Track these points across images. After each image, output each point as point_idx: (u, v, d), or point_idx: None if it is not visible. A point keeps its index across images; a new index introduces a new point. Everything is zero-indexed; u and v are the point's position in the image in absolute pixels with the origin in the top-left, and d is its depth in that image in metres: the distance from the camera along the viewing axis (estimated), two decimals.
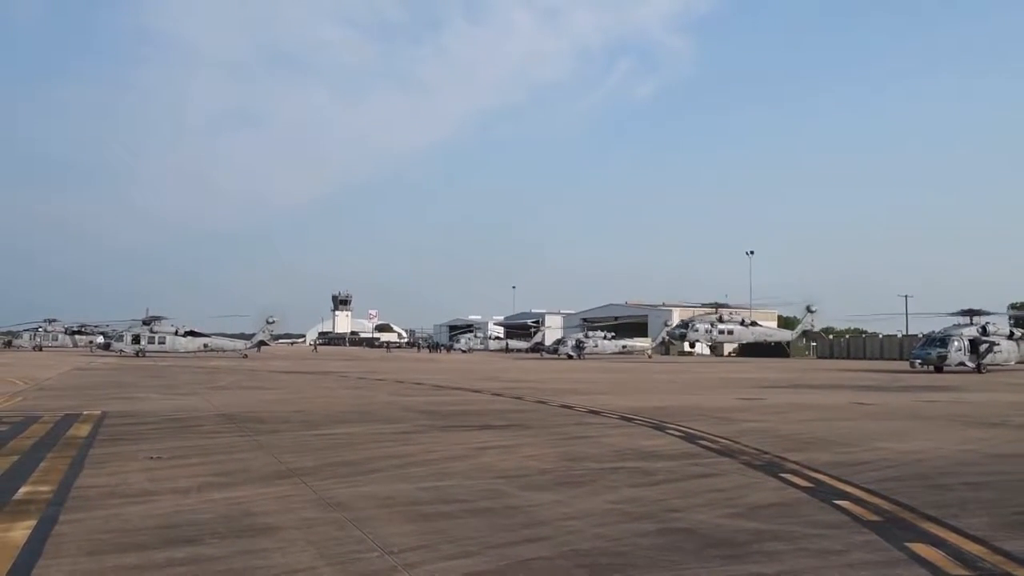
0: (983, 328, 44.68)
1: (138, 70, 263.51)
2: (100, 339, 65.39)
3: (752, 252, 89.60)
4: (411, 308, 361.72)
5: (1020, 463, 10.24)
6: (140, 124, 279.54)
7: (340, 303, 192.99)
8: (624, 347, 79.35)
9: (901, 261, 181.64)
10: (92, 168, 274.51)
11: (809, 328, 75.49)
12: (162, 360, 52.01)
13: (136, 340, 60.06)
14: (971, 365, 43.03)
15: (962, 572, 5.23)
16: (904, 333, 77.51)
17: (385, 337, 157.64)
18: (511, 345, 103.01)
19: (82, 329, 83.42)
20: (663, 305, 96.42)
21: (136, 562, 5.26)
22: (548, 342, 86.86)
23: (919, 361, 43.54)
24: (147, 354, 58.87)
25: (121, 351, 59.91)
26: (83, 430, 12.61)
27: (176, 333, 61.88)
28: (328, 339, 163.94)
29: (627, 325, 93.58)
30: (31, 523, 6.26)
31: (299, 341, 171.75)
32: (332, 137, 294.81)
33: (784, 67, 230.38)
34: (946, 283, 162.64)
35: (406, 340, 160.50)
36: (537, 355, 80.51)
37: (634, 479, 8.56)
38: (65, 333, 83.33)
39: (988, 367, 43.95)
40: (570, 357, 70.03)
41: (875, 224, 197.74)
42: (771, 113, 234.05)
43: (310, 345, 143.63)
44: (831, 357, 76.02)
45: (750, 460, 9.93)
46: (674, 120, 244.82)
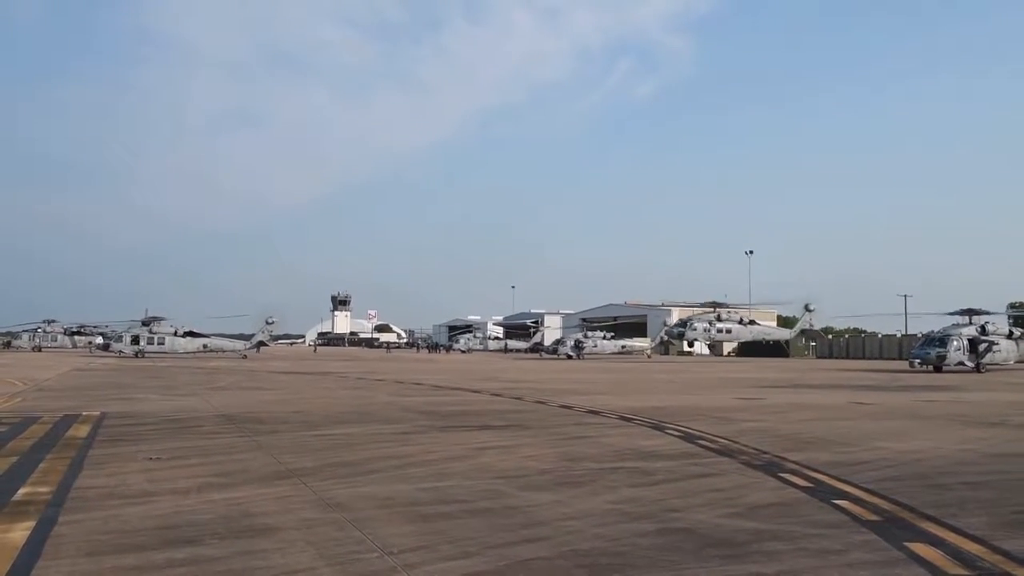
0: (982, 328, 44.71)
1: (138, 70, 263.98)
2: (99, 340, 65.52)
3: (751, 252, 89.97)
4: (410, 308, 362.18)
5: (1019, 463, 10.25)
6: (140, 124, 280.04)
7: (339, 303, 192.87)
8: (623, 347, 79.42)
9: (901, 261, 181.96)
10: (92, 168, 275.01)
11: (808, 327, 75.45)
12: (161, 361, 52.01)
13: (135, 341, 60.10)
14: (970, 365, 43.05)
15: (961, 572, 5.23)
16: (903, 333, 77.67)
17: (384, 337, 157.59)
18: (510, 345, 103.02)
19: (81, 330, 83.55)
20: (662, 305, 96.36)
21: (135, 563, 5.26)
22: (547, 342, 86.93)
23: (918, 361, 43.55)
24: (146, 355, 58.89)
25: (120, 352, 59.94)
26: (82, 431, 12.61)
27: (175, 334, 61.92)
28: (327, 339, 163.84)
29: (626, 325, 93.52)
30: (30, 524, 6.26)
31: (298, 341, 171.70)
32: (332, 137, 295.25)
33: (784, 67, 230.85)
34: (945, 283, 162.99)
35: (405, 340, 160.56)
36: (536, 355, 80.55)
37: (633, 479, 8.57)
38: (64, 334, 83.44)
39: (987, 367, 43.98)
40: (569, 357, 70.06)
41: (875, 224, 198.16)
42: (771, 113, 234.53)
43: (310, 345, 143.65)
44: (830, 357, 76.04)
45: (749, 460, 9.93)
46: (674, 120, 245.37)
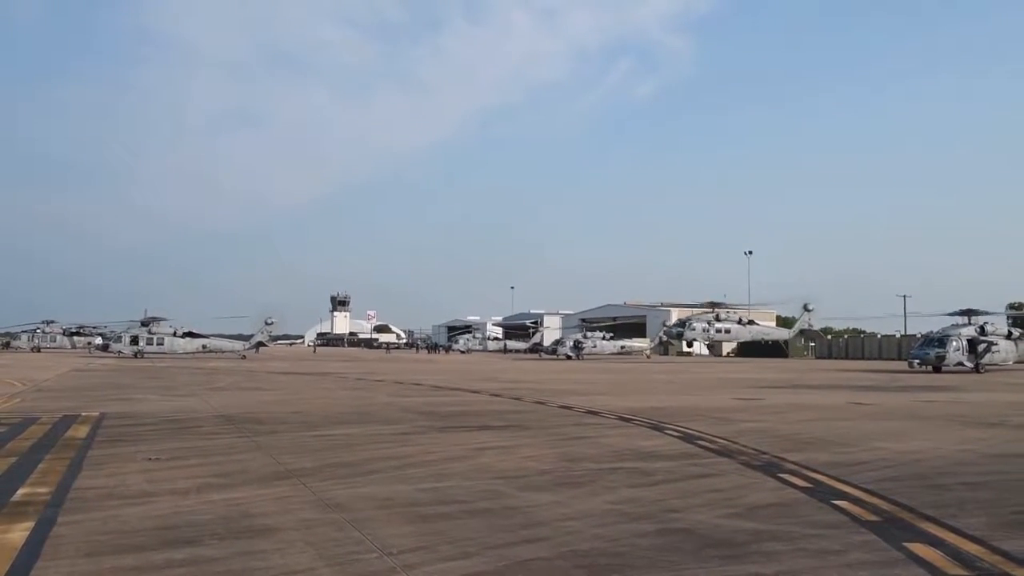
0: (981, 328, 44.71)
1: (138, 70, 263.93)
2: (98, 340, 65.55)
3: (751, 252, 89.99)
4: (410, 309, 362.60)
5: (1018, 463, 10.25)
6: (140, 124, 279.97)
7: (338, 304, 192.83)
8: (623, 347, 79.46)
9: (900, 261, 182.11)
10: (92, 168, 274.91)
11: (806, 327, 75.48)
12: (160, 361, 52.00)
13: (134, 341, 60.10)
14: (969, 365, 43.07)
15: (960, 572, 5.23)
16: (902, 333, 77.72)
17: (384, 338, 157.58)
18: (510, 346, 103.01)
19: (80, 330, 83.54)
20: (661, 305, 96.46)
21: (135, 563, 5.26)
22: (547, 343, 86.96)
23: (917, 361, 43.56)
24: (145, 355, 58.89)
25: (119, 352, 59.95)
26: (81, 431, 12.61)
27: (174, 334, 61.94)
28: (326, 340, 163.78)
29: (626, 325, 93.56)
30: (29, 525, 6.26)
31: (298, 342, 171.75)
32: (332, 137, 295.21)
33: (784, 67, 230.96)
34: (945, 283, 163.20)
35: (404, 341, 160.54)
36: (536, 356, 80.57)
37: (633, 479, 8.57)
38: (63, 334, 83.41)
39: (986, 367, 44.00)
40: (568, 358, 70.08)
41: (875, 224, 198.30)
42: (771, 113, 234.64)
43: (309, 346, 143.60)
44: (830, 357, 76.07)
45: (748, 460, 9.93)
46: (674, 120, 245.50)
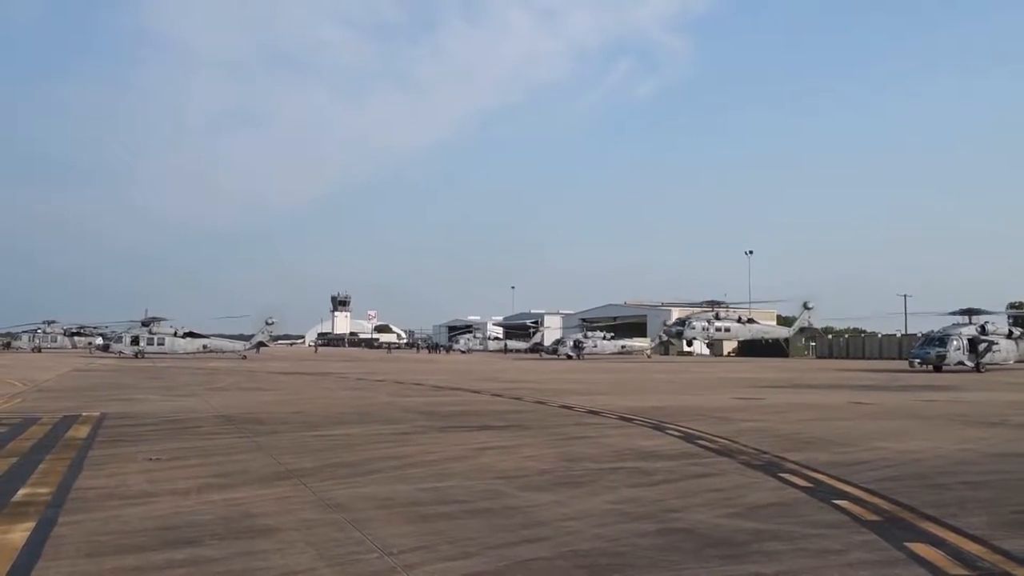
0: (982, 327, 44.69)
1: (138, 70, 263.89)
2: (99, 340, 65.54)
3: (751, 252, 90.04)
4: (410, 309, 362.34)
5: (1019, 462, 10.25)
6: (140, 124, 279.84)
7: (339, 304, 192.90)
8: (623, 347, 79.40)
9: (901, 261, 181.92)
10: (92, 168, 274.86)
11: (806, 325, 75.46)
12: (161, 361, 52.02)
13: (135, 341, 60.13)
14: (970, 364, 43.04)
15: (961, 572, 5.23)
16: (903, 333, 77.65)
17: (384, 338, 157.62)
18: (510, 345, 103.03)
19: (81, 331, 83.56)
20: (662, 305, 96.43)
21: (135, 564, 5.26)
22: (547, 342, 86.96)
23: (918, 360, 43.53)
24: (146, 355, 58.92)
25: (120, 352, 59.98)
26: (82, 431, 12.61)
27: (175, 334, 61.96)
28: (327, 340, 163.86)
29: (626, 325, 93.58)
30: (30, 525, 6.26)
31: (298, 342, 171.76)
32: (332, 137, 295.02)
33: (784, 67, 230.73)
34: (945, 283, 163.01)
35: (405, 341, 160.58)
36: (536, 355, 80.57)
37: (633, 479, 8.56)
38: (64, 335, 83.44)
39: (987, 366, 43.96)
40: (569, 357, 70.08)
41: (875, 224, 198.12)
42: (771, 113, 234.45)
43: (310, 346, 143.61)
44: (830, 357, 76.01)
45: (749, 460, 9.93)
46: (673, 120, 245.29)
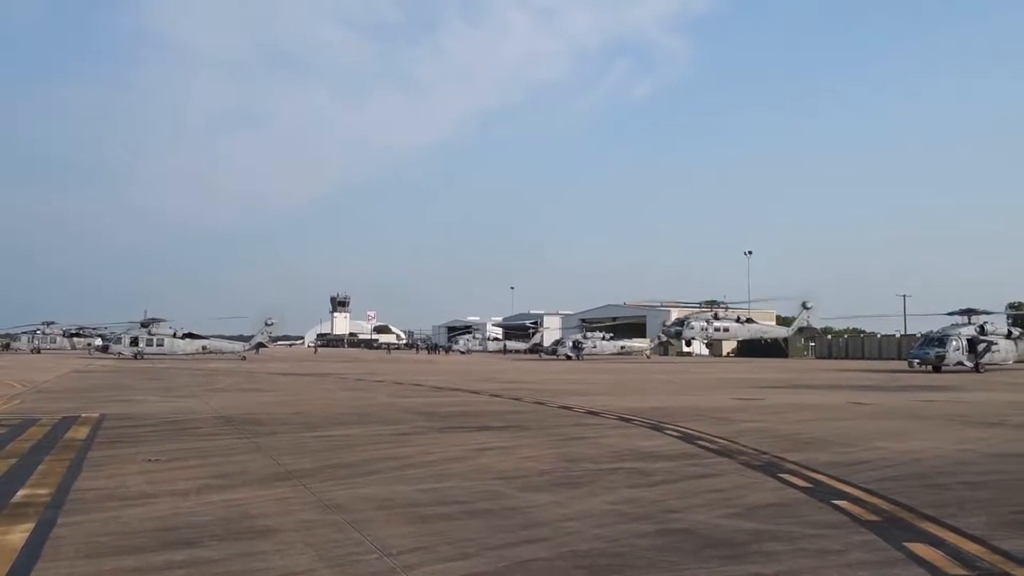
0: (981, 328, 44.71)
1: (138, 70, 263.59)
2: (98, 341, 65.63)
3: (751, 252, 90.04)
4: (410, 309, 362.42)
5: (1018, 462, 10.25)
6: (140, 124, 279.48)
7: (338, 304, 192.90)
8: (623, 348, 79.42)
9: (900, 261, 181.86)
10: (92, 168, 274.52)
11: (805, 324, 75.48)
12: (160, 362, 52.01)
13: (134, 342, 60.13)
14: (969, 365, 43.06)
15: (961, 572, 5.23)
16: (902, 333, 77.69)
17: (384, 338, 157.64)
18: (509, 346, 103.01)
19: (80, 331, 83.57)
20: (661, 305, 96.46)
21: (134, 564, 5.25)
22: (547, 343, 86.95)
23: (917, 361, 43.55)
24: (145, 356, 58.91)
25: (119, 353, 59.97)
26: (81, 432, 12.60)
27: (174, 335, 61.95)
28: (326, 340, 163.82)
29: (626, 326, 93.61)
30: (29, 526, 6.26)
31: (297, 343, 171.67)
32: (332, 137, 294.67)
33: (784, 67, 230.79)
34: (945, 283, 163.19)
35: (404, 341, 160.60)
36: (536, 356, 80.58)
37: (632, 480, 8.56)
38: (63, 335, 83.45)
39: (986, 366, 43.99)
40: (568, 358, 70.06)
41: (875, 224, 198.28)
42: (770, 113, 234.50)
43: (310, 347, 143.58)
44: (829, 357, 76.06)
45: (748, 460, 9.93)
46: (673, 120, 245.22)
